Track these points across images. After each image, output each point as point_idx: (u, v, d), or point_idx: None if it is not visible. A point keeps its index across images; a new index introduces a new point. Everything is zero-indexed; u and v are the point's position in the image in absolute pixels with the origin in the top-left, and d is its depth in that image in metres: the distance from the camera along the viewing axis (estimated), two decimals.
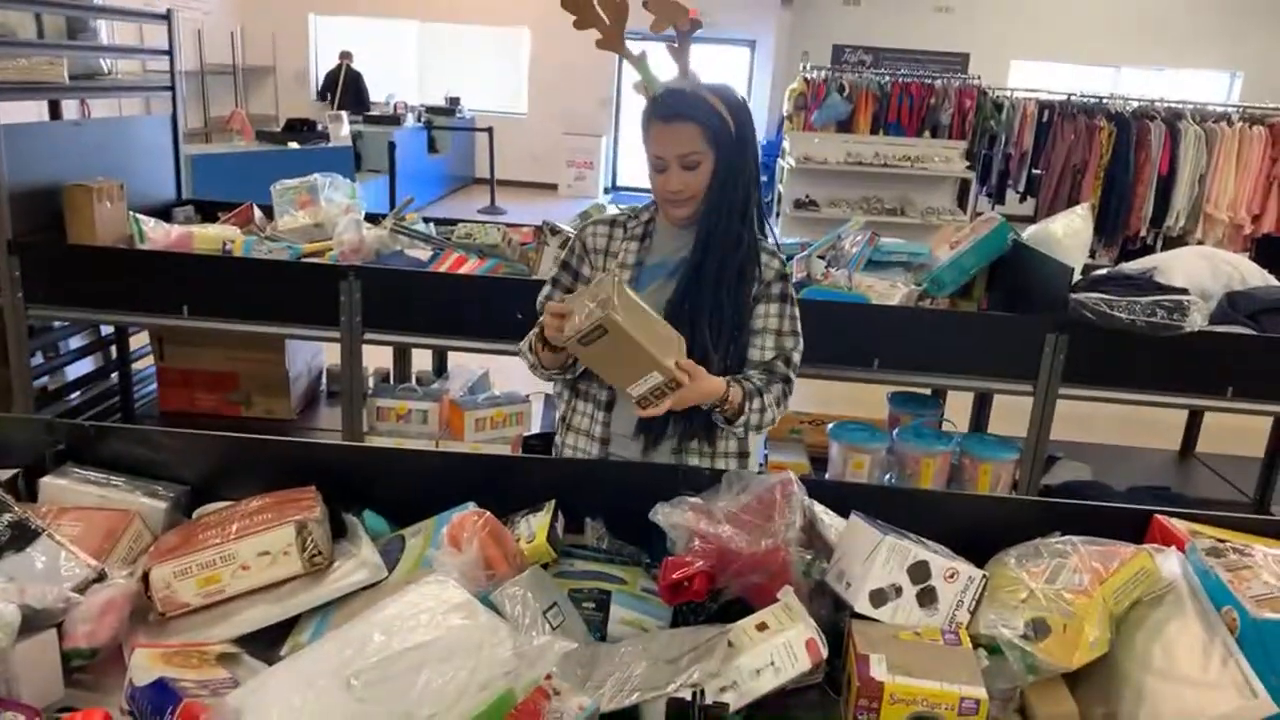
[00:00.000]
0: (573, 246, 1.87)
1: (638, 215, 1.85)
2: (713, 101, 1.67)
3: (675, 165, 1.67)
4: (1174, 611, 1.32)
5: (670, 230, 1.80)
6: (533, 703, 1.06)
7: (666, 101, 1.67)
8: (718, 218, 1.71)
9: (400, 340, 3.20)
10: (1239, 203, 7.49)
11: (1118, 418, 4.54)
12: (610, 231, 1.84)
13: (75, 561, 1.34)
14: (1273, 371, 2.84)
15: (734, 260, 1.72)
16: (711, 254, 1.72)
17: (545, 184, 12.23)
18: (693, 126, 1.65)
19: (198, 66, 10.70)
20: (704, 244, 1.73)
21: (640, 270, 1.79)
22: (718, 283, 1.71)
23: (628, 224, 1.84)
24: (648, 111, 1.69)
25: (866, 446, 2.95)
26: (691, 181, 1.68)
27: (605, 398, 1.82)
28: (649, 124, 1.69)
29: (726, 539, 1.40)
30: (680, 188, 1.68)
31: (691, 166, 1.67)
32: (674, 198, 1.70)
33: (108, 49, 4.08)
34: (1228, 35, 11.37)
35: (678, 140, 1.66)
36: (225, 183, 6.11)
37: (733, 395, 1.68)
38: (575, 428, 1.88)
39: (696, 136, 1.65)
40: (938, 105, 8.32)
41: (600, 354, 1.51)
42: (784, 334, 1.79)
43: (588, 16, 1.70)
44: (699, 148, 1.66)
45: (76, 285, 3.01)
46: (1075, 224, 3.08)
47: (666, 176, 1.69)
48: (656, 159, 1.69)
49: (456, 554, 1.34)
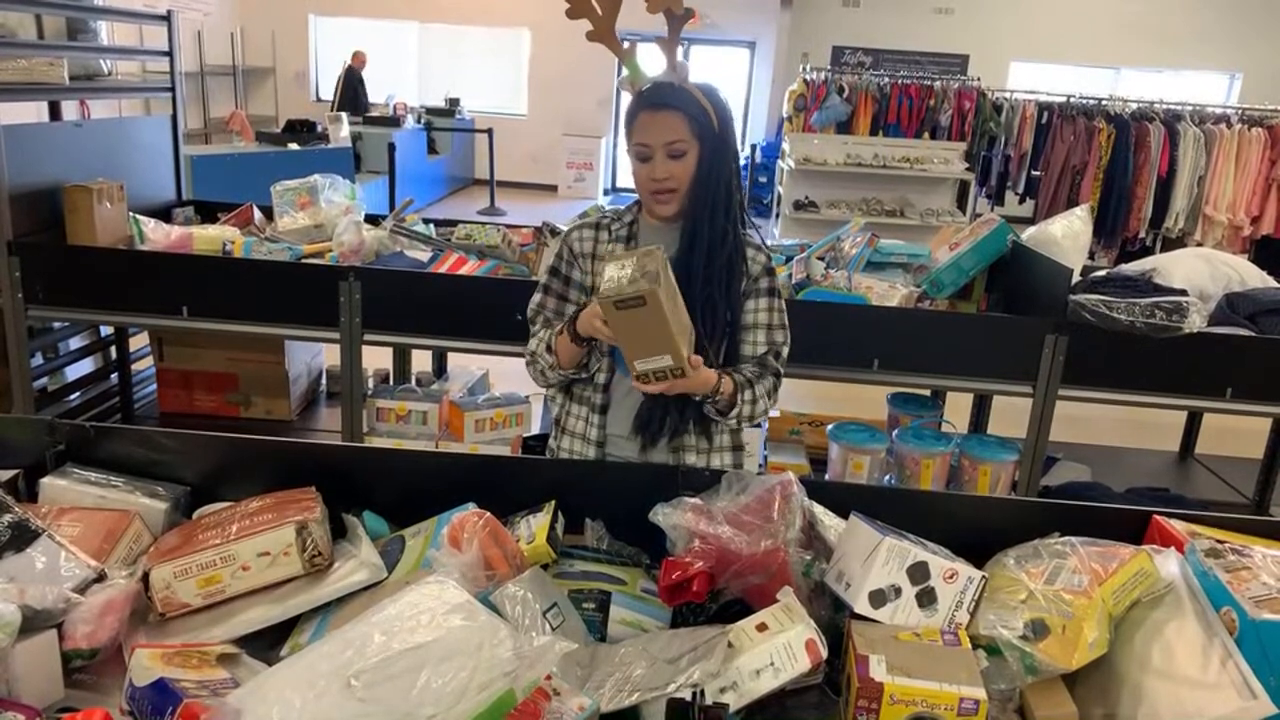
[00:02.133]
0: (560, 252, 1.86)
1: (620, 217, 1.84)
2: (697, 95, 1.68)
3: (661, 153, 1.67)
4: (1173, 612, 1.32)
5: (654, 228, 1.80)
6: (533, 703, 1.06)
7: (654, 91, 1.68)
8: (703, 212, 1.71)
9: (400, 341, 3.20)
10: (1238, 204, 7.50)
11: (1117, 419, 4.55)
12: (595, 235, 1.83)
13: (75, 562, 1.34)
14: (1271, 373, 2.84)
15: (721, 255, 1.73)
16: (698, 251, 1.72)
17: (545, 185, 12.23)
18: (679, 115, 1.66)
19: (198, 67, 10.71)
20: (690, 241, 1.73)
21: None
22: (708, 281, 1.72)
23: (611, 226, 1.84)
24: (634, 103, 1.70)
25: (866, 447, 2.95)
26: (677, 170, 1.68)
27: (600, 400, 1.82)
28: (635, 114, 1.69)
29: (726, 540, 1.41)
30: (666, 175, 1.68)
31: (677, 155, 1.68)
32: (660, 187, 1.70)
33: (108, 50, 4.08)
34: (1227, 37, 11.37)
35: (664, 128, 1.66)
36: (225, 183, 6.12)
37: (725, 387, 1.70)
38: (570, 430, 1.88)
39: (682, 125, 1.66)
40: (937, 107, 8.32)
41: (627, 321, 1.51)
42: (774, 328, 1.81)
43: (581, 7, 1.71)
44: (684, 136, 1.66)
45: (76, 286, 3.01)
46: (1074, 225, 3.08)
47: (652, 165, 1.69)
48: (642, 147, 1.69)
49: (456, 554, 1.34)
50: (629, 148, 1.73)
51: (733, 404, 1.72)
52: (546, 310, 1.85)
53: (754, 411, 1.75)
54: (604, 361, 1.81)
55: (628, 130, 1.72)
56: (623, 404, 1.82)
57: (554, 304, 1.85)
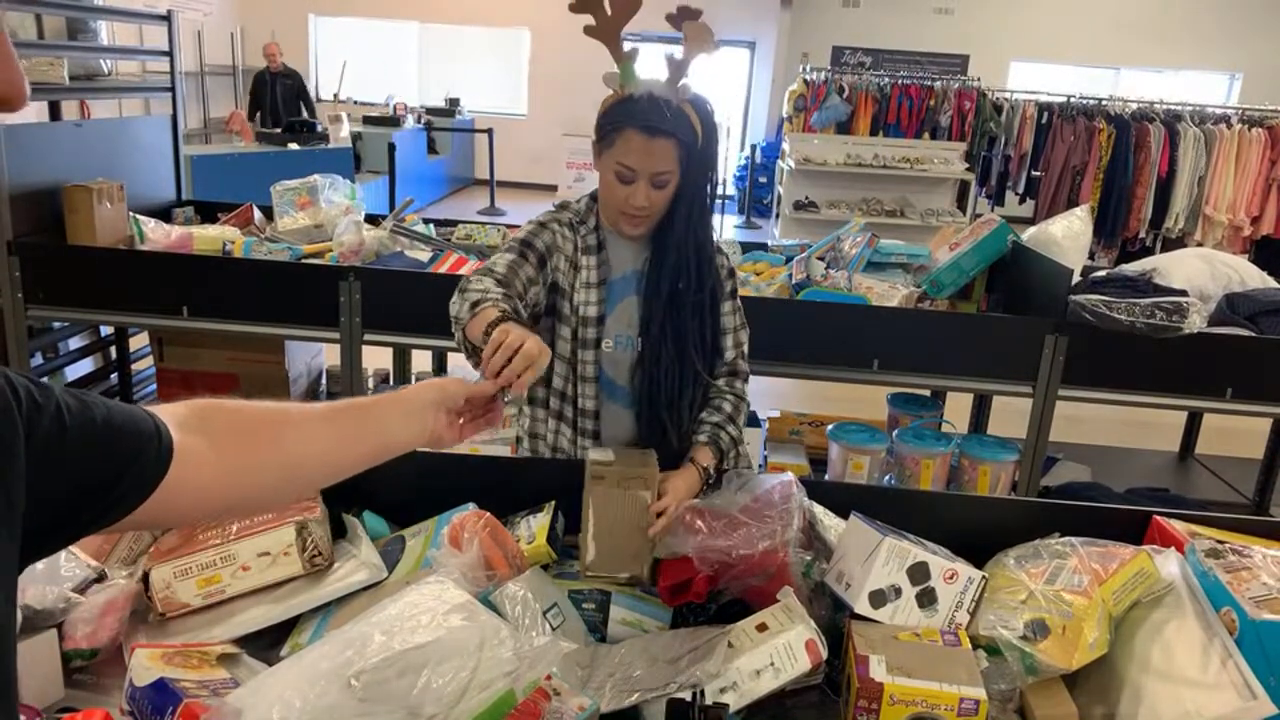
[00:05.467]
0: (537, 233, 1.69)
1: (584, 220, 1.72)
2: (692, 119, 1.58)
3: (645, 181, 1.58)
4: (1173, 613, 1.32)
5: (621, 240, 1.72)
6: (533, 703, 1.06)
7: (651, 113, 1.55)
8: (679, 233, 1.65)
9: (400, 341, 3.20)
10: (1238, 205, 7.50)
11: (1117, 419, 4.55)
12: (573, 238, 1.70)
13: (75, 562, 1.34)
14: (1271, 373, 2.84)
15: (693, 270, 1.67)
16: (665, 272, 1.66)
17: (545, 185, 12.21)
18: (672, 143, 1.56)
19: (197, 67, 10.70)
20: (659, 259, 1.68)
21: (608, 289, 1.71)
22: (697, 306, 1.68)
23: (580, 229, 1.71)
24: (624, 114, 1.57)
25: (866, 448, 2.95)
26: (657, 199, 1.60)
27: (593, 427, 1.77)
28: (622, 129, 1.57)
29: (726, 540, 1.41)
30: (645, 204, 1.60)
31: (661, 185, 1.59)
32: (635, 213, 1.62)
33: (108, 50, 4.08)
34: (1227, 37, 11.36)
35: (656, 158, 1.57)
36: (225, 183, 6.12)
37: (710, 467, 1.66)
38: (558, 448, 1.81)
39: (673, 154, 1.57)
40: (937, 107, 8.32)
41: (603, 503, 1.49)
42: (739, 329, 1.81)
43: (590, 2, 1.58)
44: (673, 166, 1.58)
45: (76, 286, 3.01)
46: (1074, 226, 3.08)
47: (633, 190, 1.59)
48: (625, 169, 1.58)
49: (457, 554, 1.35)
50: (604, 159, 1.61)
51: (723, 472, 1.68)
52: (519, 275, 1.60)
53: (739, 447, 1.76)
54: (593, 388, 1.74)
55: (607, 141, 1.60)
56: (616, 425, 1.77)
57: (530, 272, 1.63)
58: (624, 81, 1.59)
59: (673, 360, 1.69)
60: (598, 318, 1.69)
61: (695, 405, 1.74)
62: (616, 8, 1.56)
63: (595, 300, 1.69)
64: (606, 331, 1.71)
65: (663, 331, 1.68)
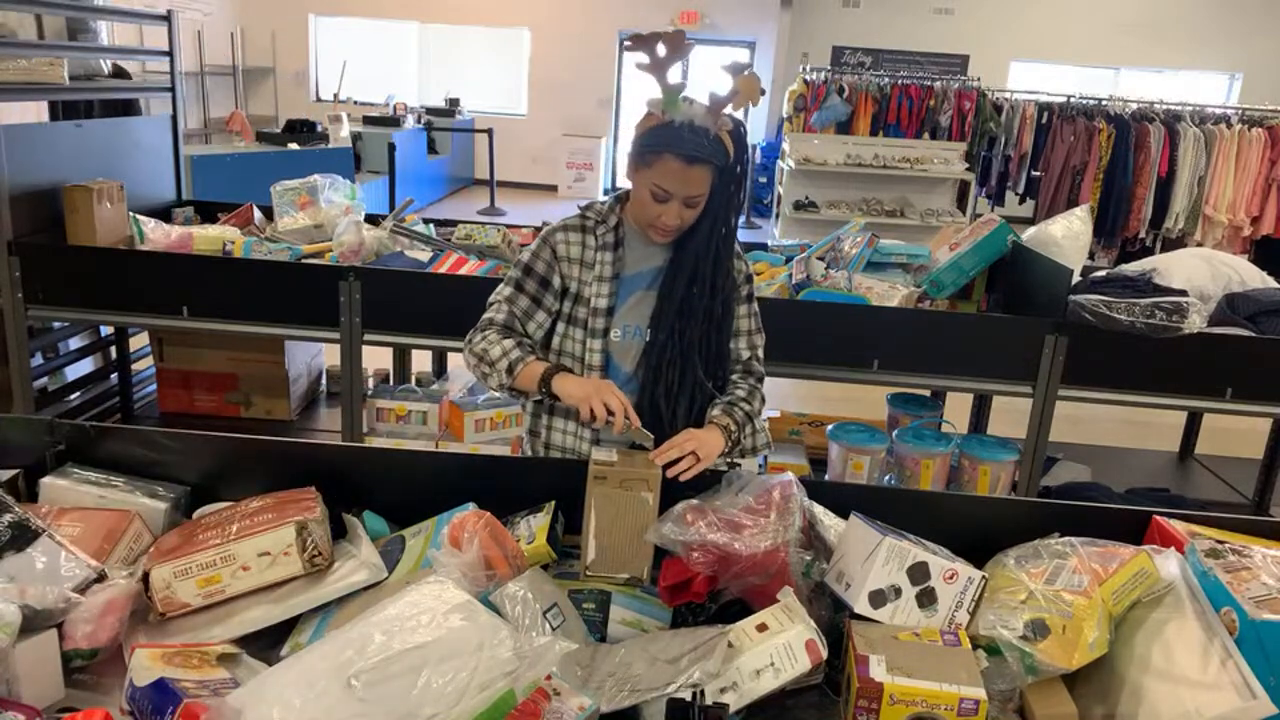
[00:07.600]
0: (539, 252, 1.78)
1: (604, 220, 1.78)
2: (728, 145, 1.66)
3: (679, 203, 1.66)
4: (1173, 612, 1.32)
5: (642, 237, 1.77)
6: (533, 703, 1.06)
7: (690, 142, 1.62)
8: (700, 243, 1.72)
9: (400, 341, 3.20)
10: (1238, 205, 7.50)
11: (1117, 419, 4.56)
12: (582, 239, 1.77)
13: (75, 562, 1.34)
14: (1272, 373, 2.84)
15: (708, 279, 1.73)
16: (682, 277, 1.74)
17: (545, 185, 12.23)
18: (708, 170, 1.64)
19: (198, 67, 10.70)
20: (677, 264, 1.75)
21: (619, 284, 1.77)
22: (708, 313, 1.75)
23: (597, 230, 1.77)
24: (665, 141, 1.63)
25: (866, 448, 2.95)
26: (688, 217, 1.69)
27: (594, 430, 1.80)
28: (662, 154, 1.63)
29: (726, 540, 1.41)
30: (678, 223, 1.69)
31: (693, 205, 1.68)
32: (666, 226, 1.69)
33: (108, 50, 4.08)
34: (1227, 37, 11.36)
35: (692, 183, 1.64)
36: (225, 183, 6.12)
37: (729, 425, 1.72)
38: (559, 446, 1.85)
39: (708, 180, 1.65)
40: (937, 107, 8.32)
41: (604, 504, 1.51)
42: (754, 332, 1.88)
43: (646, 43, 1.64)
44: (706, 190, 1.67)
45: (76, 285, 3.01)
46: (1074, 226, 3.08)
47: (666, 209, 1.67)
48: (661, 190, 1.65)
49: (457, 554, 1.35)
50: (640, 176, 1.68)
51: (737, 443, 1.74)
52: (516, 308, 1.76)
53: (756, 443, 1.79)
54: (598, 375, 1.78)
55: (645, 161, 1.66)
56: None
57: (526, 304, 1.77)
58: (667, 108, 1.65)
59: (677, 355, 1.75)
60: (607, 309, 1.76)
61: (694, 403, 1.78)
62: (670, 48, 1.63)
63: (606, 293, 1.75)
64: (615, 322, 1.77)
65: (671, 329, 1.75)
